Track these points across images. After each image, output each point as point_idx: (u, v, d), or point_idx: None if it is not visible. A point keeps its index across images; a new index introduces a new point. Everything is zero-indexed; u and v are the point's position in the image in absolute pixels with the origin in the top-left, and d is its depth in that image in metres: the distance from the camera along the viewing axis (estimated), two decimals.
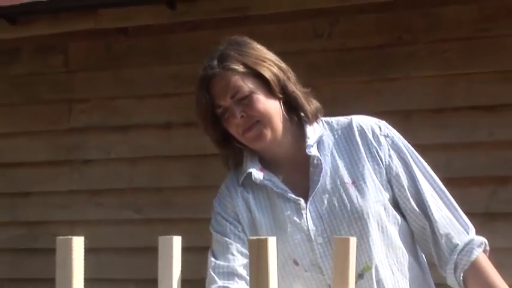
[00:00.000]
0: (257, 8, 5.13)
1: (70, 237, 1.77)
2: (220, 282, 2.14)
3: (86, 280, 1.74)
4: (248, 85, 2.20)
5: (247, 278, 2.08)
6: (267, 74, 2.23)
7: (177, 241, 2.02)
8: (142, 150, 5.74)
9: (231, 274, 2.16)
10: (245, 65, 2.21)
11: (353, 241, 1.89)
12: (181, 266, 1.77)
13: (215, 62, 2.22)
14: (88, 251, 1.74)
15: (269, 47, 2.36)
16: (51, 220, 5.69)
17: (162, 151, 5.66)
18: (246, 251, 2.16)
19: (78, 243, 1.77)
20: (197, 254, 2.38)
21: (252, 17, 5.25)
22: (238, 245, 2.20)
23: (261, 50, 2.28)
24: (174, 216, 5.34)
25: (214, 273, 2.18)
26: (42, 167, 6.01)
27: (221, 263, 2.19)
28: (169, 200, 5.53)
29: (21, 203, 6.05)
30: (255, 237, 1.57)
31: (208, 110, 2.23)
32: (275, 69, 2.26)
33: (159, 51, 5.72)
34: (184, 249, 2.02)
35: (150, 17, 5.57)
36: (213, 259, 2.22)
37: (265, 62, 2.25)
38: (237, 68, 2.20)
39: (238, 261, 2.17)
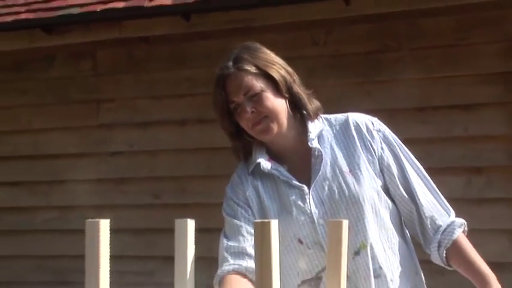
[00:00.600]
0: (261, 20, 5.12)
1: (98, 220, 1.77)
2: (231, 261, 2.14)
3: (111, 257, 1.74)
4: (259, 84, 2.20)
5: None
6: (276, 76, 2.23)
7: (191, 223, 2.02)
8: (161, 144, 5.75)
9: (241, 254, 2.15)
10: (257, 67, 2.22)
11: (345, 223, 1.89)
12: (195, 245, 1.76)
13: (230, 63, 2.22)
14: (113, 231, 1.74)
15: (280, 53, 2.36)
16: (81, 205, 5.70)
17: (178, 145, 5.66)
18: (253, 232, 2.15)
19: (104, 225, 1.77)
20: (209, 235, 2.37)
21: (257, 27, 5.23)
22: (248, 227, 2.21)
23: (270, 55, 2.28)
24: (189, 202, 5.34)
25: (226, 253, 2.18)
26: (74, 158, 6.01)
27: (232, 243, 2.19)
28: (185, 188, 5.53)
29: (56, 189, 6.07)
30: (259, 220, 1.58)
31: (224, 105, 2.22)
32: (283, 72, 2.26)
33: (175, 57, 5.72)
34: (198, 231, 2.02)
35: (168, 28, 5.56)
36: (225, 240, 2.22)
37: (274, 65, 2.25)
38: (250, 69, 2.21)
39: (248, 241, 2.17)
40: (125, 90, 5.87)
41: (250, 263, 2.11)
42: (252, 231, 2.14)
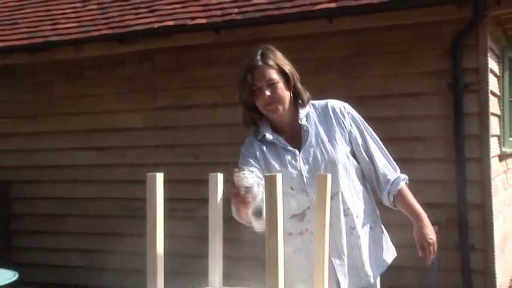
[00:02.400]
0: (270, 33, 5.08)
1: (155, 173, 1.78)
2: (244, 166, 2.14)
3: (164, 199, 1.75)
4: (277, 77, 2.21)
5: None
6: (288, 73, 2.24)
7: (220, 176, 2.03)
8: (198, 121, 5.75)
9: (252, 170, 2.12)
10: (277, 64, 2.22)
11: (329, 177, 1.89)
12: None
13: (258, 57, 2.22)
14: (165, 181, 1.75)
15: (285, 56, 2.36)
16: (145, 163, 5.73)
17: (211, 121, 5.67)
18: (261, 175, 2.14)
19: (159, 177, 1.78)
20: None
21: (267, 38, 5.18)
22: (259, 173, 2.19)
23: (284, 58, 2.29)
24: (219, 161, 5.35)
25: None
26: (139, 131, 6.03)
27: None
28: (215, 151, 5.55)
29: (128, 152, 6.09)
30: (268, 174, 1.59)
31: (249, 85, 2.22)
32: (293, 71, 2.27)
33: (208, 59, 5.70)
34: (226, 181, 2.03)
35: (204, 39, 5.53)
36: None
37: (287, 65, 2.26)
38: (272, 64, 2.21)
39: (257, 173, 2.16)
40: (174, 83, 5.86)
41: (259, 176, 2.09)
42: (261, 176, 2.15)
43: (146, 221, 1.73)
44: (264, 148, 2.30)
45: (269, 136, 2.29)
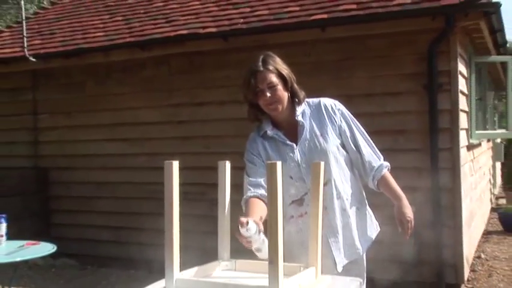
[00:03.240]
0: (272, 40, 5.05)
1: (171, 161, 1.76)
2: (252, 190, 2.15)
3: (179, 184, 1.73)
4: (276, 80, 2.19)
5: (266, 186, 2.10)
6: (286, 76, 2.22)
7: (228, 164, 2.01)
8: (209, 116, 5.71)
9: (258, 185, 2.15)
10: (276, 69, 2.20)
11: (322, 164, 1.86)
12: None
13: (260, 63, 2.19)
14: (180, 168, 1.73)
15: (284, 61, 2.33)
16: (161, 152, 5.69)
17: (220, 116, 5.63)
18: (264, 172, 2.15)
19: (175, 165, 1.76)
20: (239, 171, 2.37)
21: (269, 44, 5.17)
22: (261, 169, 2.20)
23: (283, 63, 2.27)
24: (226, 151, 5.33)
25: (248, 185, 2.18)
26: (157, 125, 5.99)
27: (252, 179, 2.19)
28: (224, 142, 5.52)
29: (146, 143, 6.06)
30: (269, 161, 1.56)
31: (252, 88, 2.20)
32: (290, 74, 2.25)
33: (218, 63, 5.65)
34: (232, 168, 2.01)
35: (214, 45, 5.50)
36: (246, 176, 2.24)
37: (285, 69, 2.23)
38: (272, 69, 2.19)
39: (261, 177, 2.16)
40: (187, 84, 5.82)
41: (264, 192, 2.11)
42: (263, 171, 2.15)
43: (164, 202, 1.73)
44: (266, 143, 2.27)
45: (269, 132, 2.27)
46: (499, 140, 10.17)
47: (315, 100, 2.32)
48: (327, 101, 2.31)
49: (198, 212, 5.19)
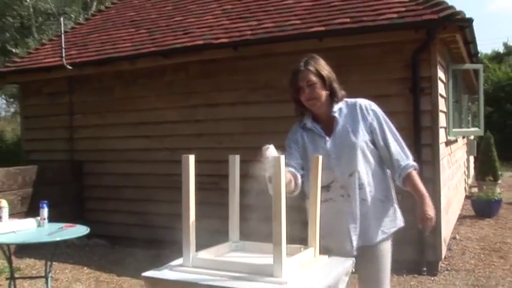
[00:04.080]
0: (277, 49, 5.03)
1: (188, 155, 1.73)
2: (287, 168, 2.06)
3: (195, 175, 1.69)
4: (315, 79, 2.15)
5: (298, 169, 2.13)
6: (325, 76, 2.18)
7: (237, 157, 1.98)
8: (221, 115, 5.66)
9: (288, 164, 2.08)
10: (316, 69, 2.16)
11: (320, 158, 1.82)
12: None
13: (302, 64, 2.17)
14: (196, 162, 1.69)
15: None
16: (180, 147, 5.65)
17: (231, 116, 5.58)
18: (298, 156, 2.17)
19: (192, 158, 1.73)
20: (246, 164, 2.32)
21: (275, 53, 5.17)
22: (294, 153, 2.17)
23: (325, 64, 2.23)
24: (237, 146, 5.30)
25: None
26: (176, 123, 5.95)
27: (287, 160, 2.08)
28: (234, 138, 5.48)
29: (166, 139, 6.01)
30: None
31: (294, 85, 2.17)
32: (330, 75, 2.20)
33: (229, 69, 5.60)
34: (242, 161, 1.96)
35: (225, 54, 5.44)
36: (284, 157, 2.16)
37: (326, 70, 2.20)
38: (312, 69, 2.15)
39: (291, 160, 2.13)
40: (203, 87, 5.77)
41: (292, 170, 2.08)
42: (296, 155, 2.16)
43: (182, 191, 1.70)
44: (304, 134, 2.23)
45: (309, 124, 2.22)
46: (472, 137, 10.10)
47: (352, 100, 2.26)
48: (363, 101, 2.25)
49: (211, 200, 5.14)
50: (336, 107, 2.20)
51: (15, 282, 3.66)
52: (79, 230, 3.40)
